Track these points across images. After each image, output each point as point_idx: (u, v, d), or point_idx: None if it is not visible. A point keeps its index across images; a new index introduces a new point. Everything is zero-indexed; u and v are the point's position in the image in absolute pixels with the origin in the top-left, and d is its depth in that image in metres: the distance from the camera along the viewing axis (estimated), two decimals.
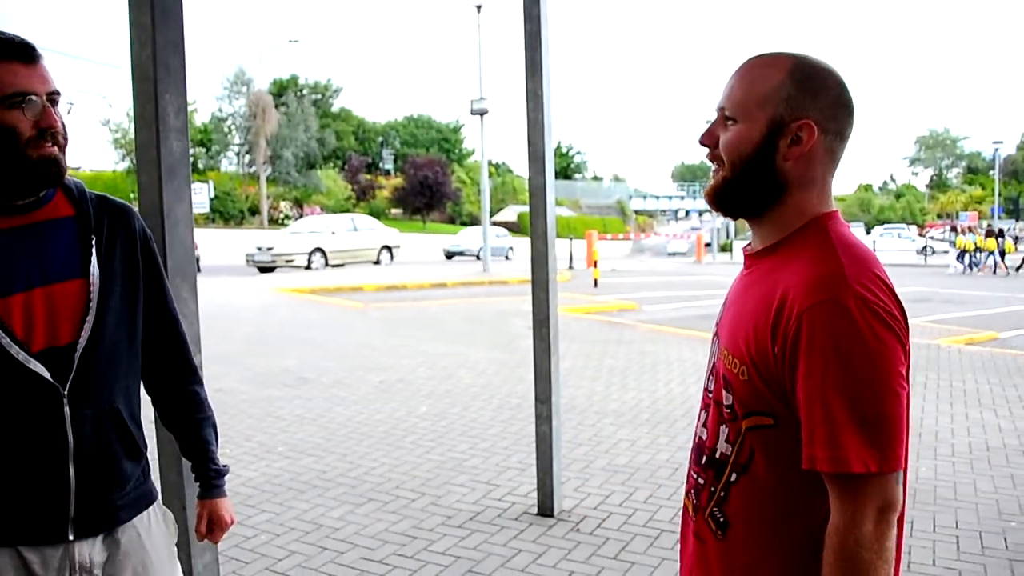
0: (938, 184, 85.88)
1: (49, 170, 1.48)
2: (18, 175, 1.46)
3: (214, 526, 1.79)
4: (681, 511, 1.54)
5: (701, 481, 1.41)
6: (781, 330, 1.22)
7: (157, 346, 1.73)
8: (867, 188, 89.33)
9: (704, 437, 1.41)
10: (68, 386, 1.50)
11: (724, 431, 1.35)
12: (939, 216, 66.74)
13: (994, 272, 25.79)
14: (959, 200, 71.01)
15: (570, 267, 24.79)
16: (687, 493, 1.48)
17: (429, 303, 15.00)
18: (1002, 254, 26.36)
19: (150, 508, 1.69)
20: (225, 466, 1.82)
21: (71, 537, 1.53)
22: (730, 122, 1.32)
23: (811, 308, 1.19)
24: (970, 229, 29.52)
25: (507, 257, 30.82)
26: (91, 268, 1.54)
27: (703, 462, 1.41)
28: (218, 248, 26.26)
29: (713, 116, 1.38)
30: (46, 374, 1.48)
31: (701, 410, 1.46)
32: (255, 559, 3.82)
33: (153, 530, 1.68)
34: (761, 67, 1.32)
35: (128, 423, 1.61)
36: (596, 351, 9.54)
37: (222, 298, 14.96)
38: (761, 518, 1.30)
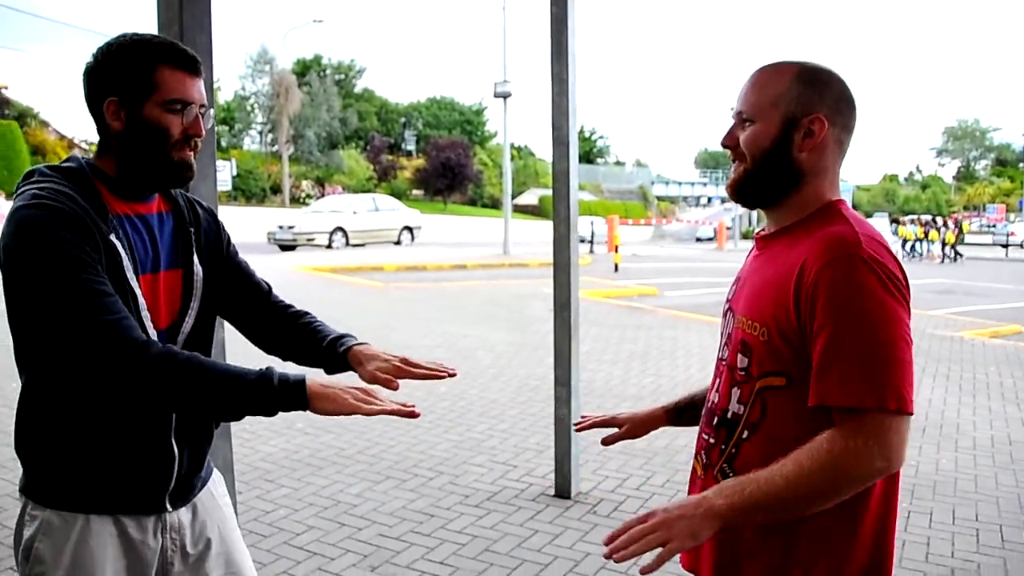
0: (965, 176, 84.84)
1: (183, 172, 1.61)
2: (157, 171, 1.59)
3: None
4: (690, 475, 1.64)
5: (712, 441, 1.52)
6: (802, 288, 1.33)
7: (248, 298, 1.87)
8: (892, 179, 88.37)
9: (716, 401, 1.54)
10: None
11: (736, 392, 1.47)
12: (965, 208, 65.90)
13: (941, 261, 27.72)
14: (987, 192, 70.09)
15: (591, 251, 24.75)
16: (696, 455, 1.59)
17: (449, 284, 15.03)
18: (943, 244, 28.42)
19: (214, 473, 1.88)
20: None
21: (169, 508, 1.67)
22: (748, 123, 1.46)
23: (827, 264, 1.31)
24: (912, 222, 33.09)
25: None
26: (193, 260, 1.70)
27: (714, 423, 1.53)
28: (239, 226, 26.17)
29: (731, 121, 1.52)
30: None
31: (714, 379, 1.59)
32: (273, 533, 3.86)
33: (219, 490, 1.86)
34: (770, 73, 1.47)
35: None
36: (615, 335, 9.53)
37: None
38: None
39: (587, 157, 72.47)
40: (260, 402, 1.46)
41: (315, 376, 1.57)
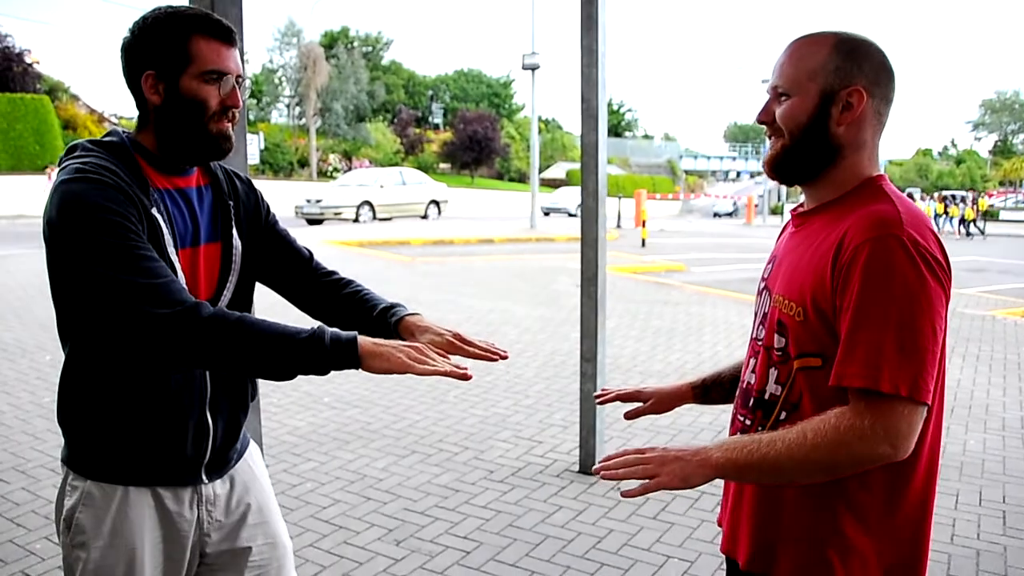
0: (1002, 150, 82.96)
1: (222, 144, 1.61)
2: (196, 144, 1.59)
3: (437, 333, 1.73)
4: None
5: (748, 422, 1.51)
6: (839, 263, 1.32)
7: (290, 266, 1.88)
8: (926, 153, 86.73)
9: (752, 382, 1.51)
10: None
11: (773, 373, 1.45)
12: (1002, 183, 64.61)
13: (968, 236, 28.10)
14: None
15: (618, 226, 24.63)
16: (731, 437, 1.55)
17: (475, 259, 15.04)
18: (961, 220, 29.12)
19: (251, 445, 1.92)
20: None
21: (205, 480, 1.70)
22: (784, 97, 1.43)
23: (867, 241, 1.28)
24: (931, 198, 34.76)
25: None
26: (232, 233, 1.71)
27: (750, 404, 1.50)
28: (267, 199, 26.37)
29: (766, 96, 1.48)
30: None
31: (748, 359, 1.56)
32: (300, 506, 3.91)
33: (257, 461, 1.91)
34: (807, 45, 1.43)
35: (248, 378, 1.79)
36: (642, 311, 9.50)
37: None
38: None
39: (615, 130, 71.91)
40: (312, 360, 1.44)
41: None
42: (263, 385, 1.91)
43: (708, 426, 5.17)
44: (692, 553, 3.48)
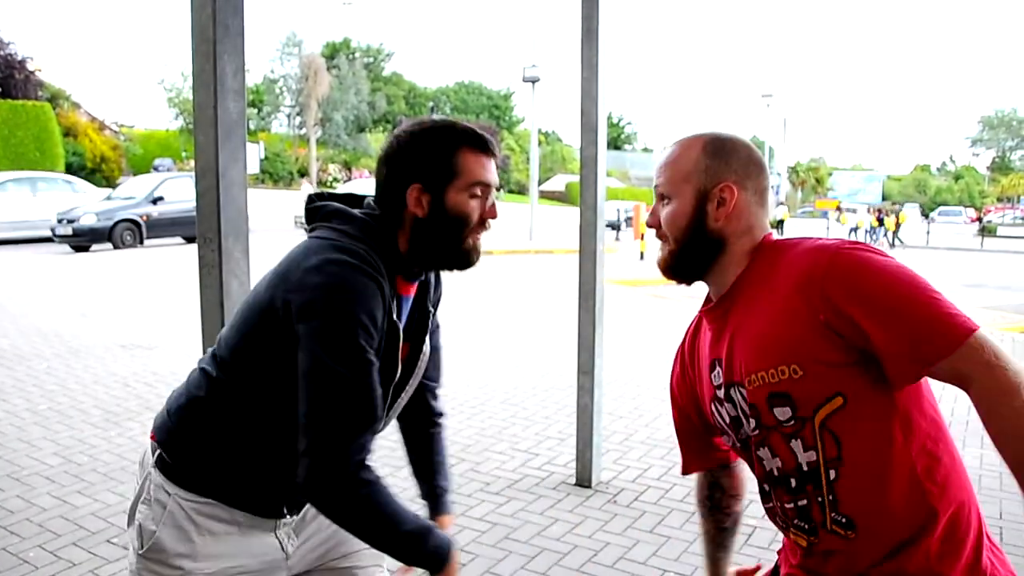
0: (1000, 166, 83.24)
1: (472, 257, 1.61)
2: (449, 256, 1.58)
3: None
4: (779, 565, 1.59)
5: (803, 503, 1.41)
6: (817, 302, 1.31)
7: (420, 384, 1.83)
8: (924, 168, 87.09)
9: (780, 466, 1.43)
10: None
11: (797, 444, 1.38)
12: (999, 199, 64.78)
13: (891, 246, 29.97)
14: (1021, 184, 68.76)
15: (616, 239, 24.65)
16: (786, 531, 1.49)
17: (473, 270, 15.02)
18: (893, 232, 31.42)
19: None
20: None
21: (287, 516, 1.68)
22: (665, 200, 1.50)
23: (827, 267, 1.31)
24: (868, 211, 37.80)
25: None
26: (425, 339, 1.70)
27: (794, 486, 1.42)
28: (267, 209, 26.46)
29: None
30: None
31: (755, 451, 1.46)
32: None
33: None
34: (680, 148, 1.50)
35: None
36: (640, 324, 9.50)
37: (272, 258, 15.14)
38: (876, 490, 1.33)
39: (615, 143, 72.19)
40: (405, 554, 1.54)
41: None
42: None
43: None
44: (688, 567, 3.47)
